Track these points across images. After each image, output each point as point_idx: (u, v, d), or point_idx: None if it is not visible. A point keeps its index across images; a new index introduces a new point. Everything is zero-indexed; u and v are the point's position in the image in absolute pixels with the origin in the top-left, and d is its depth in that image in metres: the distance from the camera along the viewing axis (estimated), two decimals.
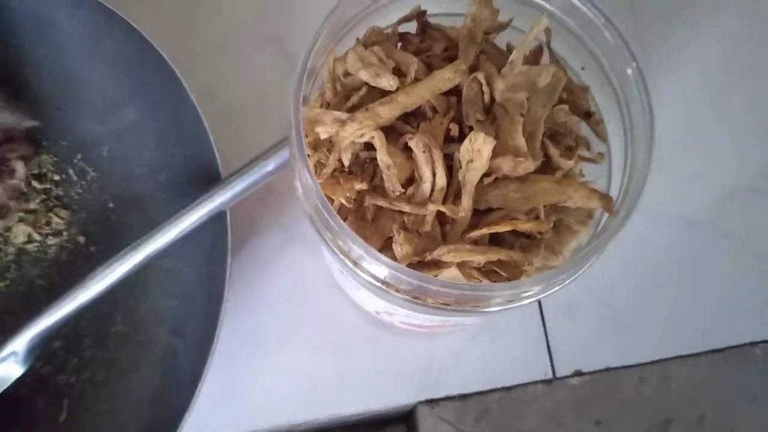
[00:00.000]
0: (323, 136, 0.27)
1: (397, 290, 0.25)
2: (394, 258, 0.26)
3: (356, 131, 0.26)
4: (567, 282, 0.25)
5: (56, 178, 0.44)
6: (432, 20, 0.30)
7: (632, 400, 0.42)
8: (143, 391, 0.40)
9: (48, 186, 0.44)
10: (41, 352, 0.40)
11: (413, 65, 0.26)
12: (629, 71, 0.25)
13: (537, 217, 0.26)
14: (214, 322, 0.37)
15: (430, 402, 0.41)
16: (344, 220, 0.27)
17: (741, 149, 0.47)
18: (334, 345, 0.41)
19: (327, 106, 0.28)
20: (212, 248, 0.39)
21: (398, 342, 0.41)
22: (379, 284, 0.25)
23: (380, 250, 0.26)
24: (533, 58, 0.29)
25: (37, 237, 0.43)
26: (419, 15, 0.29)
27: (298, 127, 0.24)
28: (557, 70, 0.27)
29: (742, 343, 0.45)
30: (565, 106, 0.27)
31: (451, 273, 0.26)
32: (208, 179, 0.39)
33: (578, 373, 0.42)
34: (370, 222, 0.27)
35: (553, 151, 0.26)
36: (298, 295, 0.42)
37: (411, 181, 0.27)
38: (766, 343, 0.44)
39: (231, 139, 0.38)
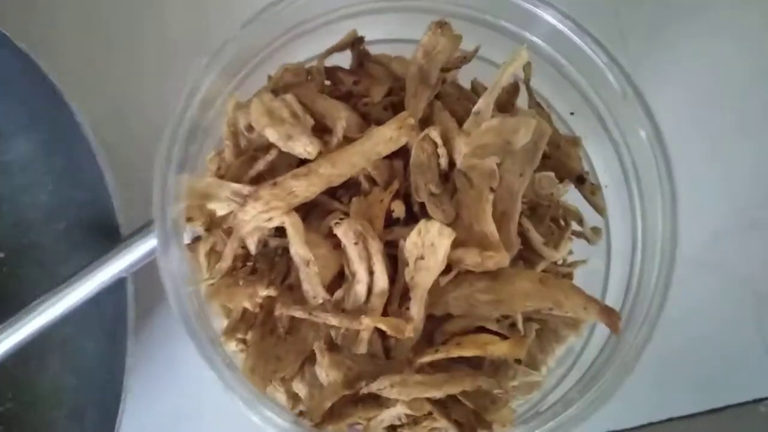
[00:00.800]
0: (219, 213, 0.19)
1: None
2: (318, 382, 0.19)
3: (261, 213, 0.18)
4: None
5: None
6: (373, 49, 0.22)
7: None
8: None
9: None
10: None
11: (341, 120, 0.19)
12: (642, 132, 0.18)
13: (512, 326, 0.19)
14: (115, 410, 0.30)
15: None
16: (249, 329, 0.19)
17: (732, 180, 0.40)
18: None
19: (227, 170, 0.20)
20: (113, 321, 0.32)
21: None
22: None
23: (303, 367, 0.19)
24: (507, 98, 0.21)
25: None
26: (355, 43, 0.21)
27: (162, 214, 0.16)
28: (540, 122, 0.19)
29: (745, 400, 0.39)
30: (550, 173, 0.19)
31: (396, 411, 0.18)
32: (108, 232, 0.31)
33: None
34: (285, 335, 0.19)
35: (535, 236, 0.19)
36: (205, 384, 0.34)
37: (340, 279, 0.19)
38: None
39: (137, 184, 0.30)
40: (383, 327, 0.18)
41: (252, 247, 0.19)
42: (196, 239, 0.20)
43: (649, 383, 0.37)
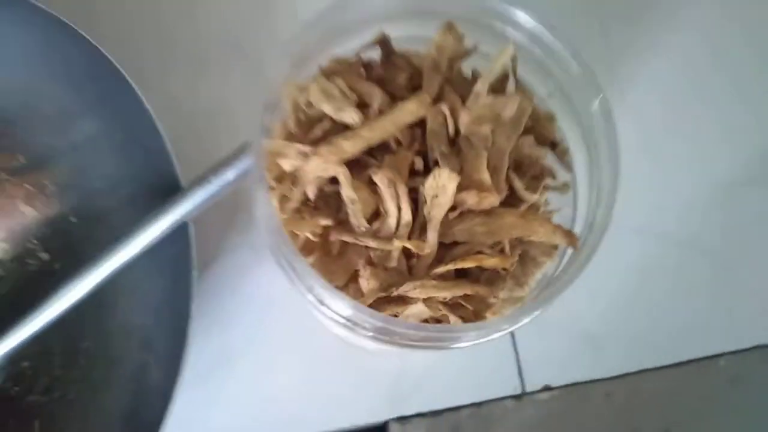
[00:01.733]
0: (287, 169, 0.26)
1: (363, 327, 0.25)
2: (361, 292, 0.26)
3: (320, 166, 0.25)
4: (532, 317, 0.25)
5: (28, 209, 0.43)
6: (398, 44, 0.29)
7: (600, 414, 0.42)
8: (115, 408, 0.39)
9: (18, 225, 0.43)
10: (9, 373, 0.39)
11: (377, 98, 0.26)
12: (596, 104, 0.25)
13: (502, 251, 0.26)
14: (183, 339, 0.36)
15: (402, 419, 0.41)
16: (310, 253, 0.26)
17: (704, 160, 0.47)
18: (304, 364, 0.41)
19: (290, 136, 0.27)
20: (176, 263, 0.38)
21: (368, 360, 0.41)
22: (344, 321, 0.25)
23: (347, 284, 0.26)
24: (499, 85, 0.28)
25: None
26: (382, 41, 0.28)
27: (260, 162, 0.23)
28: (523, 100, 0.27)
29: (706, 355, 0.45)
30: (531, 138, 0.27)
31: (418, 308, 0.25)
32: (169, 193, 0.38)
33: (547, 388, 0.42)
34: (336, 256, 0.26)
35: (518, 185, 0.26)
36: (267, 313, 0.41)
37: (377, 215, 0.26)
38: (730, 354, 0.44)
39: (192, 151, 0.37)
40: (409, 246, 0.25)
41: (311, 193, 0.26)
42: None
43: (627, 340, 0.44)
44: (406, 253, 0.26)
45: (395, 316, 0.25)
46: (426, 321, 0.26)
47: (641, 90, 0.47)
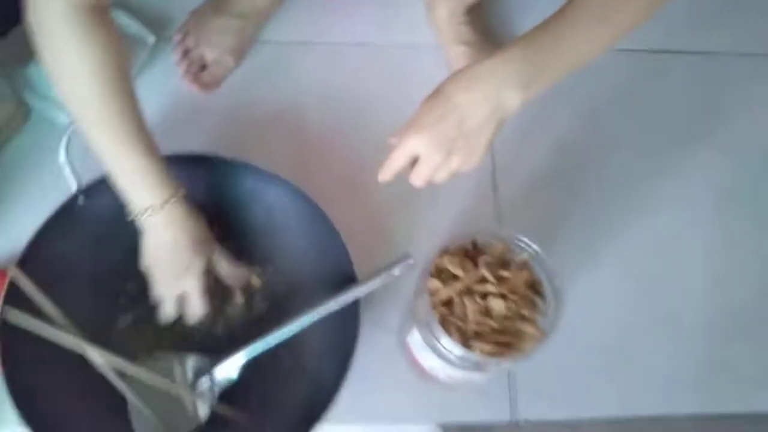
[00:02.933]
0: (441, 297, 0.65)
1: (461, 360, 0.63)
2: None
3: (448, 292, 0.64)
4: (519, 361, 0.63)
5: (257, 280, 0.81)
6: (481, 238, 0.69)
7: None
8: (298, 400, 0.75)
9: (251, 284, 0.81)
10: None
11: (470, 267, 0.65)
12: (557, 282, 0.65)
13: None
14: (347, 363, 0.70)
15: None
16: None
17: None
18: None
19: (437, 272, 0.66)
20: (346, 317, 0.73)
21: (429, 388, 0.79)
22: (453, 357, 0.64)
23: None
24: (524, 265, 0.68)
25: (239, 302, 0.80)
26: (474, 244, 0.68)
27: (431, 310, 0.63)
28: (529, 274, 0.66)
29: None
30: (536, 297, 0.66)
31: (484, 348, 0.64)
32: (349, 282, 0.74)
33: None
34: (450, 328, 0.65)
35: (527, 314, 0.65)
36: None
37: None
38: None
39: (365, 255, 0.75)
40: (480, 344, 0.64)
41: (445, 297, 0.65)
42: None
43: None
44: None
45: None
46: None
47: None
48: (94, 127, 0.64)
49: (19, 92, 0.88)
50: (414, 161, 0.65)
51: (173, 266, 0.70)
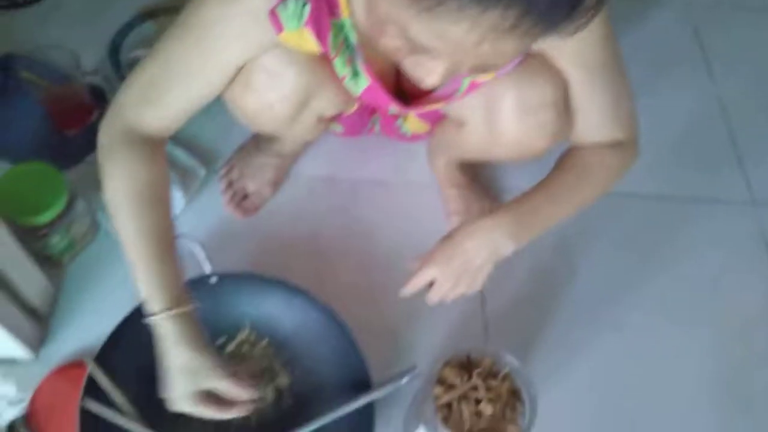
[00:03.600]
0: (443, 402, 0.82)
1: None
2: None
3: (448, 398, 0.81)
4: None
5: (285, 380, 0.98)
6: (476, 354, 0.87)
7: None
8: None
9: (281, 384, 0.97)
10: None
11: (464, 379, 0.83)
12: (532, 390, 0.82)
13: None
14: None
15: None
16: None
17: None
18: None
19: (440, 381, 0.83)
20: (362, 416, 0.90)
21: None
22: None
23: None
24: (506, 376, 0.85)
25: (270, 399, 0.96)
26: (469, 359, 0.86)
27: (435, 412, 0.80)
28: (516, 389, 0.83)
29: None
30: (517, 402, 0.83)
31: None
32: (364, 388, 0.92)
33: None
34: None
35: (509, 416, 0.82)
36: None
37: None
38: None
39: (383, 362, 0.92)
40: None
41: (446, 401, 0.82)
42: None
43: None
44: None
45: None
46: None
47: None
48: (122, 232, 0.76)
49: (93, 213, 1.07)
50: (430, 284, 0.86)
51: (194, 378, 0.77)
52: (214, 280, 0.93)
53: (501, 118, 0.85)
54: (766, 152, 1.38)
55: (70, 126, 1.15)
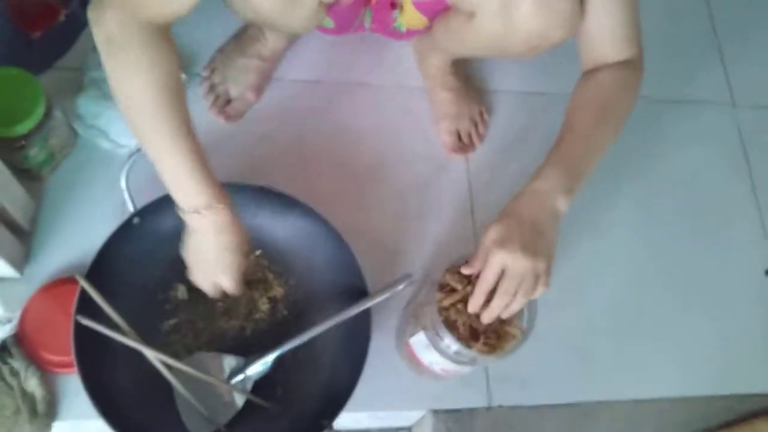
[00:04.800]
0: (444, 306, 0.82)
1: (460, 356, 0.81)
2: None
3: (450, 300, 0.82)
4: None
5: (280, 290, 0.97)
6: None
7: None
8: (318, 386, 0.91)
9: (275, 294, 0.97)
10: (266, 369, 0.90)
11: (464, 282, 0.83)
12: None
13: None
14: (362, 358, 0.87)
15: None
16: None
17: None
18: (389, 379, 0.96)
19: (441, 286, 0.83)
20: (358, 321, 0.90)
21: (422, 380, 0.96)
22: (450, 353, 0.81)
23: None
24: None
25: (265, 309, 0.96)
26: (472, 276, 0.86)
27: (437, 314, 0.80)
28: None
29: None
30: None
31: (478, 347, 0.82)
32: (361, 295, 0.91)
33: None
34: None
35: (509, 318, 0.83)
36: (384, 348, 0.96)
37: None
38: None
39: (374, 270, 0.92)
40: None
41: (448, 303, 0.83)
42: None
43: None
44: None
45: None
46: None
47: None
48: (151, 131, 0.71)
49: (69, 123, 1.01)
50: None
51: (213, 265, 0.80)
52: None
53: (518, 8, 0.79)
54: (748, 54, 1.38)
55: (35, 27, 1.07)
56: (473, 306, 0.78)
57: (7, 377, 0.87)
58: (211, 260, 0.80)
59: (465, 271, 0.79)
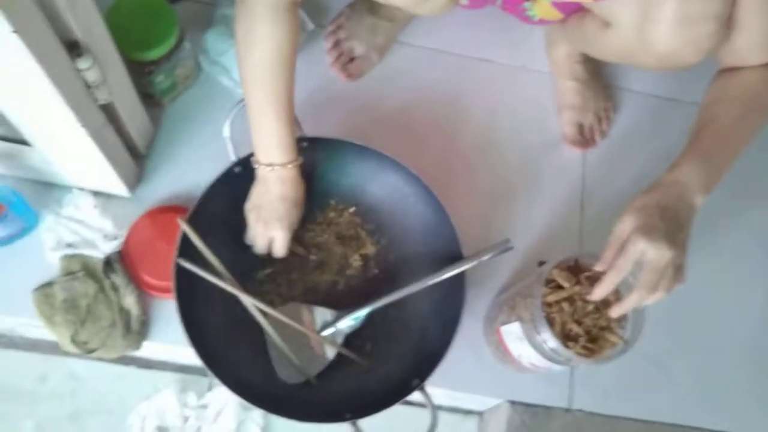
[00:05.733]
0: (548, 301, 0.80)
1: (551, 353, 0.79)
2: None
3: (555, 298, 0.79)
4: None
5: (372, 248, 0.96)
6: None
7: None
8: (409, 347, 0.90)
9: (367, 252, 0.96)
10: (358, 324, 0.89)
11: (572, 281, 0.80)
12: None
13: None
14: (455, 324, 0.84)
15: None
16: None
17: None
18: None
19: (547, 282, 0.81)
20: (450, 287, 0.87)
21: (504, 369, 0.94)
22: (547, 349, 0.79)
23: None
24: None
25: (357, 266, 0.95)
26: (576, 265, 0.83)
27: (540, 309, 0.78)
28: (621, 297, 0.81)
29: None
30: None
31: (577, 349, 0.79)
32: (454, 258, 0.88)
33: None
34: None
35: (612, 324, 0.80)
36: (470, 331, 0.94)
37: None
38: None
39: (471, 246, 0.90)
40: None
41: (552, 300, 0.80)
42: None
43: None
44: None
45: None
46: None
47: None
48: (255, 90, 0.78)
49: (195, 55, 1.02)
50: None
51: (270, 214, 0.85)
52: (305, 144, 0.89)
53: (656, 26, 0.75)
54: None
55: None
56: (598, 293, 0.75)
57: (108, 291, 0.89)
58: (269, 208, 0.85)
59: (598, 267, 0.75)
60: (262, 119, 0.80)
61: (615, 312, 0.75)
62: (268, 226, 0.85)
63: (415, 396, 0.82)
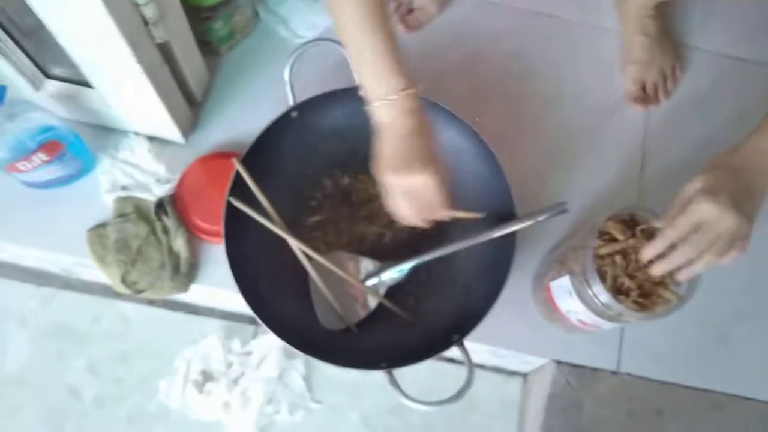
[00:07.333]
0: (600, 254, 0.77)
1: (602, 308, 0.76)
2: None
3: (608, 250, 0.77)
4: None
5: None
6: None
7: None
8: (452, 305, 0.89)
9: None
10: (404, 279, 0.89)
11: (625, 233, 0.77)
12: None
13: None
14: (500, 285, 0.81)
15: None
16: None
17: None
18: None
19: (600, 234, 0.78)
20: (500, 246, 0.85)
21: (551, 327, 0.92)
22: (598, 303, 0.76)
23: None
24: None
25: None
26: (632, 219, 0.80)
27: (592, 261, 0.75)
28: None
29: None
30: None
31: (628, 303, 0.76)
32: (507, 216, 0.86)
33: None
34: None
35: (667, 280, 0.77)
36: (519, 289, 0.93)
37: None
38: None
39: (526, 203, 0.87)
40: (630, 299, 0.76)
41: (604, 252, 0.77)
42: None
43: None
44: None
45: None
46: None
47: None
48: (354, 28, 0.67)
49: (254, 4, 1.02)
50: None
51: (406, 158, 0.70)
52: (361, 93, 0.87)
53: None
54: None
55: None
56: (649, 252, 0.73)
57: (158, 233, 0.91)
58: (402, 152, 0.70)
59: (658, 224, 0.73)
60: (370, 44, 0.67)
61: (657, 269, 0.73)
62: (411, 173, 0.71)
63: (457, 354, 0.81)
